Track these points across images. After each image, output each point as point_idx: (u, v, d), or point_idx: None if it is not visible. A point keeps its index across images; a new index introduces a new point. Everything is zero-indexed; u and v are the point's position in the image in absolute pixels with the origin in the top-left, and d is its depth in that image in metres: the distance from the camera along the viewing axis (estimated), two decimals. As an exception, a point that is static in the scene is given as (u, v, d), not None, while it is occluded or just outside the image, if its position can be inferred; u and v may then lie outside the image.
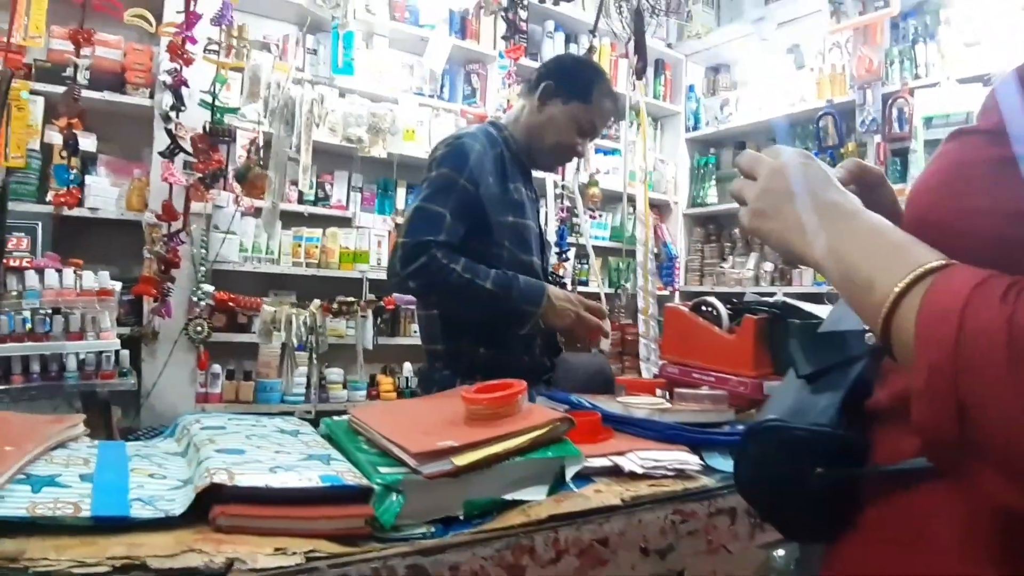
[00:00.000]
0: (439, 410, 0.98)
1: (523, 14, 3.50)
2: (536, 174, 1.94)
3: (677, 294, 4.33)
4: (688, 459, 0.94)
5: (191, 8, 2.62)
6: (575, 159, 1.84)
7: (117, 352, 2.25)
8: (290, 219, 3.15)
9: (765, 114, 4.06)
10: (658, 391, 1.31)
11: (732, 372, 1.27)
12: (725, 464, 0.96)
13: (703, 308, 1.41)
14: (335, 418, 1.10)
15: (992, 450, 0.41)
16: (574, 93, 1.70)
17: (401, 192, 3.43)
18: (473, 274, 1.51)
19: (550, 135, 1.73)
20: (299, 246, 3.13)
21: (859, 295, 0.52)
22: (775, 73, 4.11)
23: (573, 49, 3.99)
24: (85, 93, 2.59)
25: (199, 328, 2.73)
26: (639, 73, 2.76)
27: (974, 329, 0.42)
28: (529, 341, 1.68)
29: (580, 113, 1.71)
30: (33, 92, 2.59)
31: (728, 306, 1.40)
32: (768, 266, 3.99)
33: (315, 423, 2.54)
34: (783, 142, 3.99)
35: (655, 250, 4.06)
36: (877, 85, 3.42)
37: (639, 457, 0.92)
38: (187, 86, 2.64)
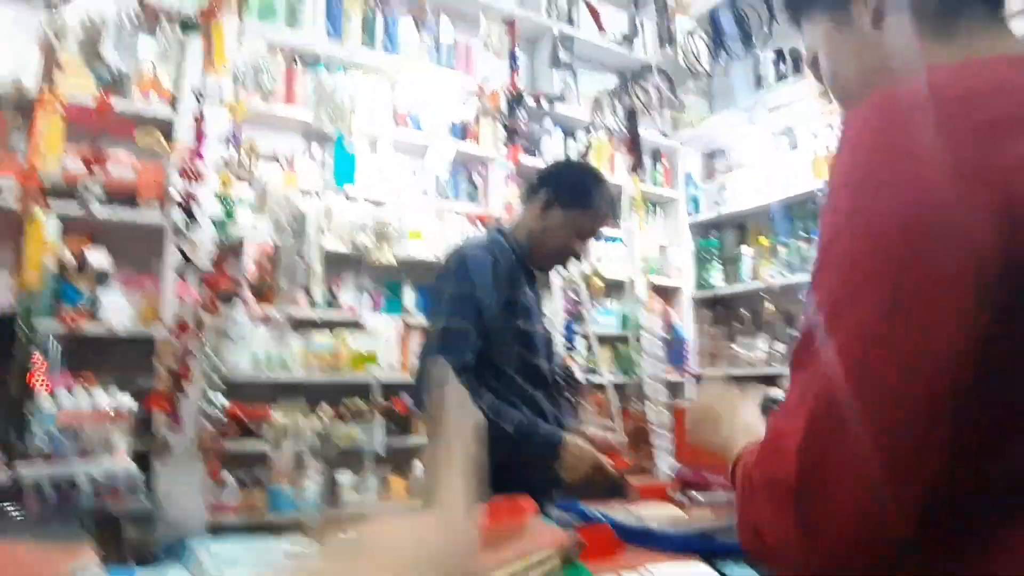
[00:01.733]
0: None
1: (522, 115, 3.65)
2: None
3: (688, 378, 4.29)
4: (704, 573, 0.92)
5: (200, 127, 2.74)
6: (569, 262, 1.89)
7: (129, 471, 2.25)
8: (300, 325, 3.18)
9: (763, 197, 4.12)
10: (670, 492, 1.29)
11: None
12: (742, 572, 0.94)
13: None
14: (341, 536, 1.08)
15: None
16: (574, 201, 1.77)
17: (409, 292, 3.48)
18: (496, 415, 1.55)
19: (552, 240, 1.79)
20: (310, 352, 3.15)
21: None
22: (770, 156, 4.21)
23: (571, 145, 4.10)
24: (98, 210, 2.67)
25: (212, 439, 2.73)
26: (635, 167, 2.84)
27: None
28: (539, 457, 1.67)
29: (580, 219, 1.77)
30: (47, 211, 2.68)
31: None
32: (779, 346, 3.97)
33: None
34: (782, 223, 4.06)
35: (664, 335, 4.07)
36: (871, 163, 3.48)
37: (652, 574, 0.91)
38: (197, 202, 2.73)
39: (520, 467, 1.61)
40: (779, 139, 4.22)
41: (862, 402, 0.52)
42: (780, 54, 3.92)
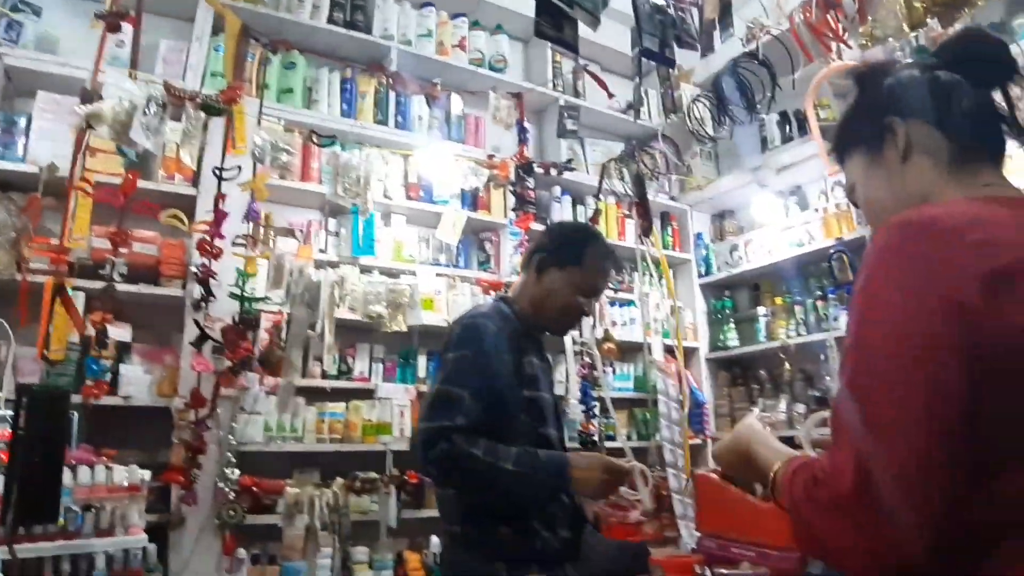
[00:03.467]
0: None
1: (531, 183, 3.70)
2: None
3: (709, 442, 4.22)
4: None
5: (219, 206, 2.80)
6: (578, 324, 1.89)
7: (144, 548, 2.22)
8: (313, 395, 3.17)
9: (775, 256, 4.13)
10: (696, 568, 1.25)
11: (773, 545, 1.21)
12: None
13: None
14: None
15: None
16: (567, 260, 1.78)
17: (422, 360, 3.48)
18: (494, 457, 1.51)
19: (553, 302, 1.79)
20: (322, 421, 3.13)
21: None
22: (780, 216, 4.24)
23: (580, 211, 4.16)
24: (122, 286, 2.73)
25: (232, 512, 2.70)
26: (646, 232, 2.86)
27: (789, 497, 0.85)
28: (551, 519, 1.64)
29: (577, 277, 1.77)
30: (75, 288, 2.73)
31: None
32: (800, 408, 3.91)
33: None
34: (795, 282, 4.05)
35: (680, 398, 4.01)
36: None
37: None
38: (215, 278, 2.77)
39: (537, 536, 1.57)
40: (788, 199, 4.26)
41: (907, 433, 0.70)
42: (784, 116, 3.99)
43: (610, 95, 3.78)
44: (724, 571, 1.16)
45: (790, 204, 4.24)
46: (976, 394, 0.68)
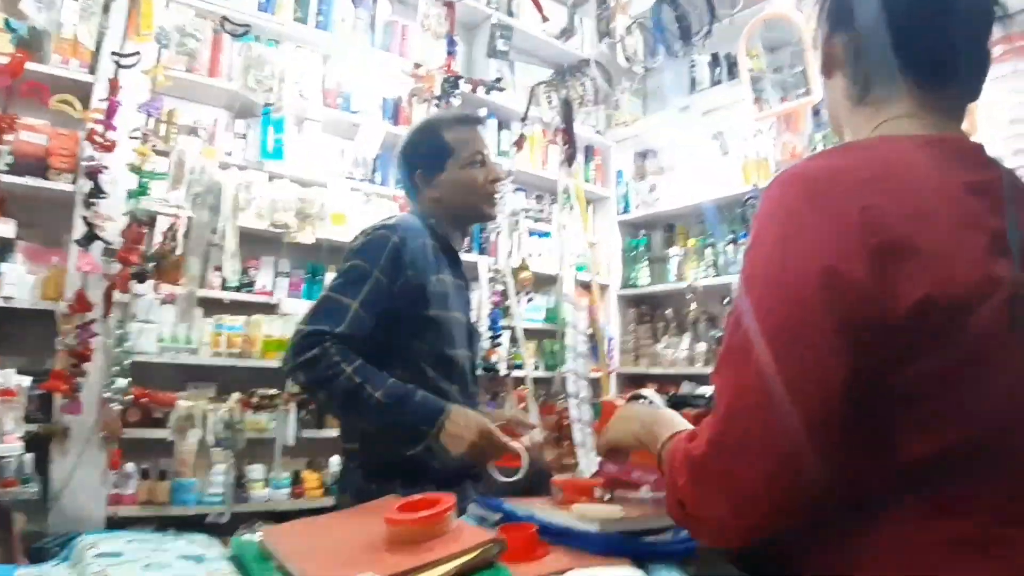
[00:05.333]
0: (360, 532, 0.89)
1: (455, 102, 3.55)
2: (468, 258, 1.91)
3: (613, 375, 4.30)
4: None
5: (115, 95, 2.56)
6: (498, 188, 1.81)
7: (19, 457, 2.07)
8: (211, 306, 3.02)
9: (693, 198, 4.17)
10: (597, 491, 1.24)
11: (673, 471, 1.21)
12: (672, 576, 0.90)
13: (640, 400, 1.36)
14: (246, 537, 0.99)
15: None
16: (440, 156, 1.71)
17: (330, 277, 3.34)
18: (364, 379, 1.41)
19: (462, 196, 1.72)
20: (220, 335, 2.98)
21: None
22: (701, 159, 4.26)
23: (504, 136, 4.05)
24: (6, 178, 2.49)
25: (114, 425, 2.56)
26: (569, 160, 2.80)
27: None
28: None
29: (459, 161, 1.71)
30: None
31: (665, 397, 1.36)
32: (701, 347, 4.02)
33: (232, 527, 2.36)
34: (711, 225, 4.11)
35: (590, 331, 4.06)
36: (799, 170, 3.56)
37: (579, 579, 0.85)
38: (103, 173, 2.55)
39: (435, 457, 1.53)
40: (710, 143, 4.27)
41: (763, 404, 0.67)
42: (716, 58, 3.96)
43: (544, 18, 3.64)
44: (624, 494, 1.15)
45: (712, 148, 4.26)
46: (856, 373, 0.65)
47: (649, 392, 1.36)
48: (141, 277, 2.67)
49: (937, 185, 0.73)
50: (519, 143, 3.62)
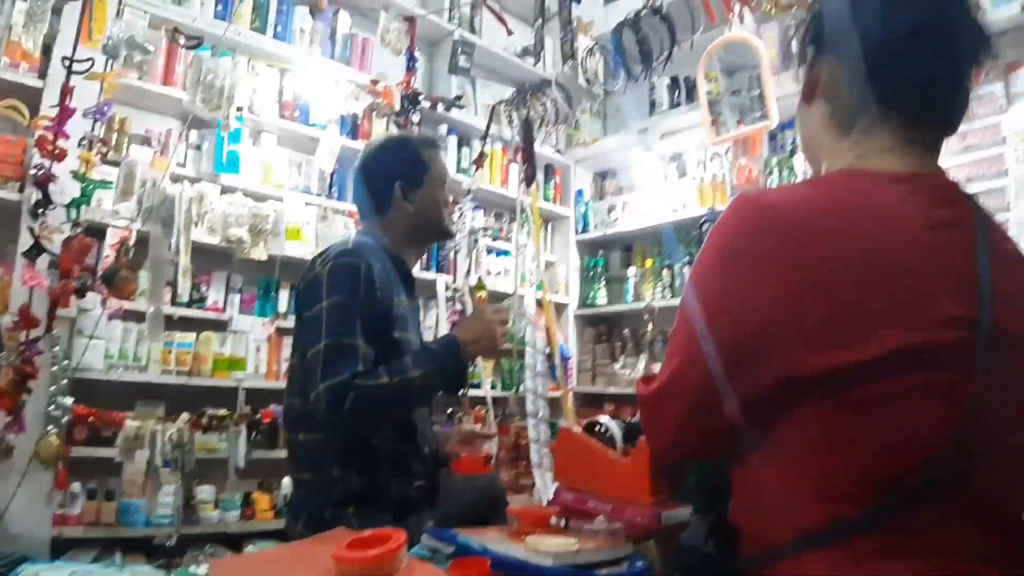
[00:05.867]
0: (309, 568, 0.86)
1: (415, 118, 3.53)
2: (426, 276, 1.93)
3: (571, 394, 4.29)
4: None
5: (67, 102, 2.47)
6: (454, 210, 1.90)
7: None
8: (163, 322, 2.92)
9: (651, 219, 4.21)
10: (553, 520, 1.22)
11: (629, 499, 1.20)
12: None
13: (596, 428, 1.35)
14: (192, 569, 0.95)
15: None
16: (421, 170, 1.77)
17: (284, 294, 3.27)
18: (400, 374, 1.48)
19: (432, 213, 1.78)
20: (169, 352, 2.89)
21: None
22: (659, 181, 4.31)
23: (465, 153, 4.04)
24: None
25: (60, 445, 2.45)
26: (529, 181, 2.79)
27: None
28: (406, 466, 1.59)
29: (433, 178, 1.79)
30: None
31: (623, 424, 1.35)
32: (657, 367, 4.02)
33: (180, 550, 2.29)
34: (668, 247, 4.15)
35: (548, 350, 4.04)
36: (755, 195, 3.61)
37: (532, 617, 0.83)
38: (53, 182, 2.46)
39: (390, 485, 1.52)
40: (668, 164, 4.33)
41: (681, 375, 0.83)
42: (675, 81, 4.02)
43: (509, 31, 3.64)
44: (579, 525, 1.13)
45: (670, 170, 4.32)
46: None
47: (605, 419, 1.35)
48: (83, 291, 2.57)
49: (896, 224, 0.73)
50: (479, 162, 3.62)
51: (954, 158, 2.89)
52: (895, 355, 0.67)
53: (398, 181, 1.74)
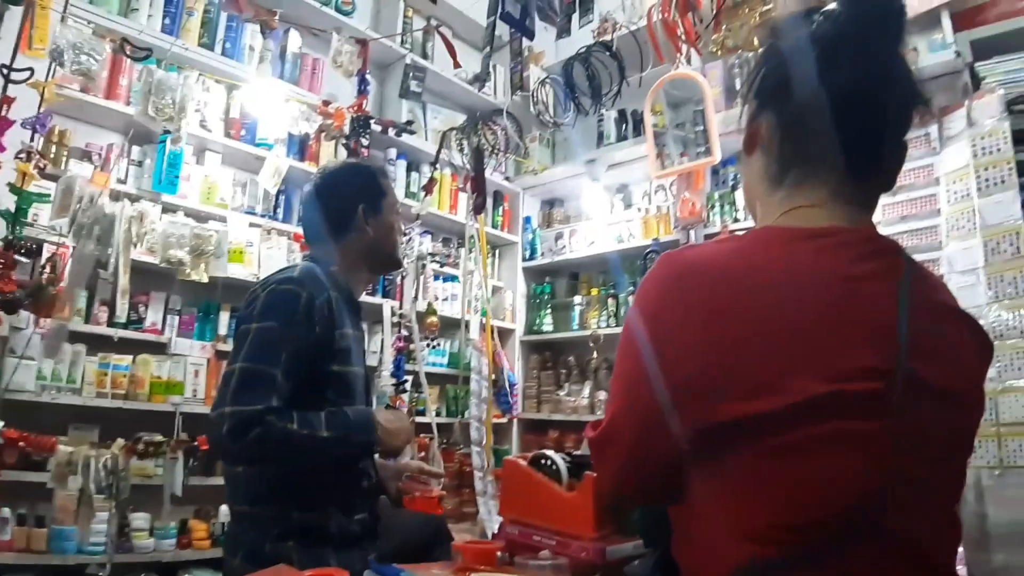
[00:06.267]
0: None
1: (366, 139, 3.52)
2: (372, 301, 1.92)
3: (515, 421, 4.30)
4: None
5: (4, 112, 2.38)
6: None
7: None
8: (97, 344, 2.83)
9: (597, 248, 4.29)
10: (498, 555, 1.22)
11: (574, 534, 1.21)
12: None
13: (542, 461, 1.36)
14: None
15: None
16: (378, 196, 1.79)
17: (224, 316, 3.19)
18: (310, 427, 1.43)
19: (387, 239, 1.79)
20: (105, 374, 2.79)
21: None
22: (606, 210, 4.39)
23: (414, 178, 4.04)
24: None
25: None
26: (478, 210, 2.82)
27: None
28: (348, 500, 1.56)
29: (388, 205, 1.81)
30: None
31: (568, 459, 1.36)
32: (602, 395, 4.08)
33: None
34: (614, 276, 4.22)
35: (493, 376, 4.05)
36: (699, 227, 3.70)
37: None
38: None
39: (331, 519, 1.49)
40: (615, 195, 4.41)
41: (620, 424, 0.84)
42: (623, 114, 4.11)
43: (457, 64, 3.69)
44: (523, 561, 1.14)
45: (616, 200, 4.40)
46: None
47: (551, 453, 1.36)
48: (11, 307, 2.47)
49: (811, 279, 0.75)
50: (429, 187, 3.62)
51: (888, 198, 3.02)
52: (808, 404, 0.69)
53: (361, 204, 1.73)
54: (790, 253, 0.78)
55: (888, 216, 3.00)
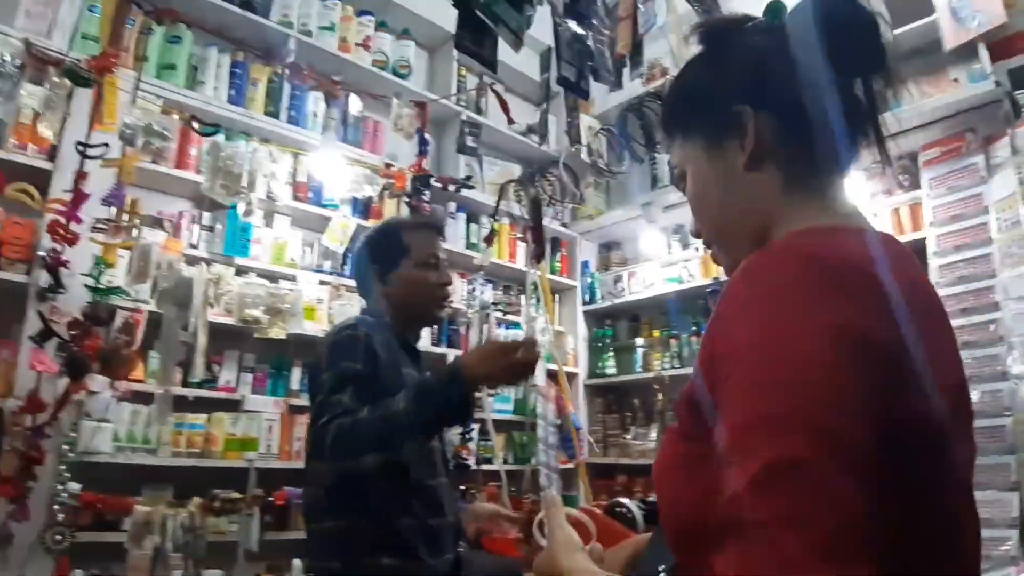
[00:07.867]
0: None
1: (427, 195, 3.61)
2: (437, 351, 1.95)
3: (582, 466, 4.25)
4: None
5: (79, 185, 2.53)
6: (448, 292, 1.89)
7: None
8: (173, 404, 2.92)
9: (656, 290, 4.27)
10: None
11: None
12: None
13: (617, 509, 1.35)
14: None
15: None
16: (395, 255, 1.81)
17: (296, 372, 3.27)
18: (383, 407, 1.45)
19: (413, 295, 1.81)
20: (180, 433, 2.87)
21: None
22: (663, 252, 4.38)
23: (474, 230, 4.11)
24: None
25: (58, 537, 2.41)
26: (538, 259, 2.85)
27: None
28: (436, 542, 1.58)
29: (413, 260, 1.80)
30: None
31: (643, 506, 1.35)
32: (669, 438, 4.00)
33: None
34: (674, 317, 4.18)
35: (558, 421, 4.03)
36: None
37: None
38: (66, 267, 2.50)
39: (422, 562, 1.51)
40: (671, 236, 4.40)
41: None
42: (676, 157, 4.11)
43: (511, 121, 3.78)
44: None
45: (673, 241, 4.39)
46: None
47: (627, 501, 1.35)
48: (78, 370, 2.54)
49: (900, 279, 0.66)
50: (490, 239, 3.67)
51: (942, 227, 3.00)
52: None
53: (372, 265, 1.82)
54: (885, 251, 0.68)
55: (943, 246, 2.98)
